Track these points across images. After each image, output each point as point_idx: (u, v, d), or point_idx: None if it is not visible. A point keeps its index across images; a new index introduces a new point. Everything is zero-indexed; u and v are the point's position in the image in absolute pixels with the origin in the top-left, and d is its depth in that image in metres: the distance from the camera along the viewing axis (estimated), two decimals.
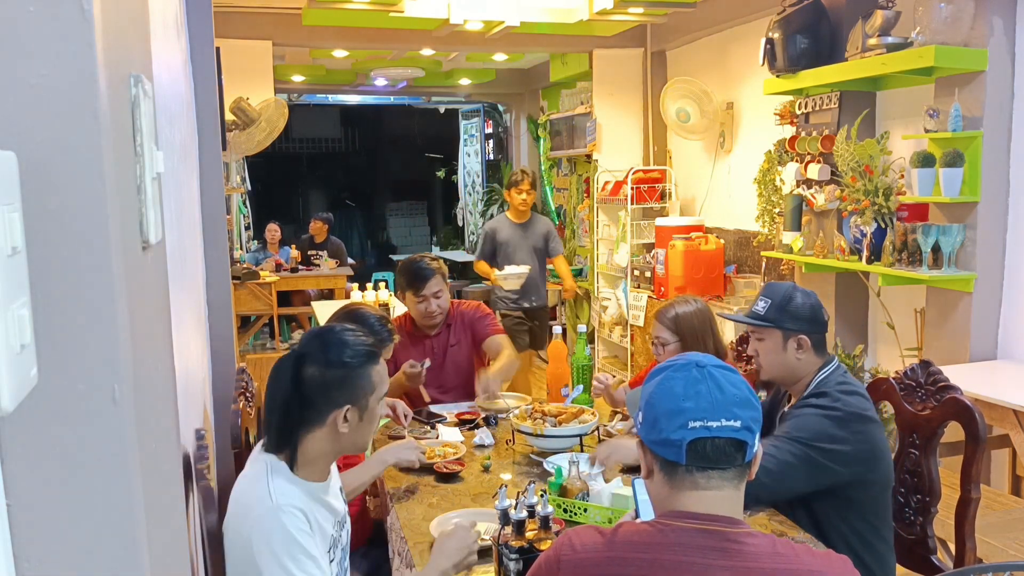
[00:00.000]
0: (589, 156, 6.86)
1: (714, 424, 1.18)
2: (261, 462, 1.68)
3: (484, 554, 1.83)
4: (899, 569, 2.49)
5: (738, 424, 1.19)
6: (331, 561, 1.73)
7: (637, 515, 1.65)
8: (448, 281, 3.20)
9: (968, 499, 2.15)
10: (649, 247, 5.86)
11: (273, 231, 7.64)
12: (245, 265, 6.13)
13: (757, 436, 1.22)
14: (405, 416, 2.78)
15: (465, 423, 2.85)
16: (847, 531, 2.07)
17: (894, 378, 2.36)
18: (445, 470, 2.38)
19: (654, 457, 1.24)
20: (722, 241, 5.49)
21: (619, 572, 1.17)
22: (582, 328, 3.12)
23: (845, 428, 2.02)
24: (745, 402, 1.20)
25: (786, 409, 2.22)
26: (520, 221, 5.23)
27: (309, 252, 7.69)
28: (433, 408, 3.03)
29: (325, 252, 7.76)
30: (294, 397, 1.66)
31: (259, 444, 1.78)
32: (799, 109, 4.40)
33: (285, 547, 1.56)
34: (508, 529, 1.68)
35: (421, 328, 3.18)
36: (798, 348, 2.13)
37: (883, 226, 3.67)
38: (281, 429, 1.68)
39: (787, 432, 2.05)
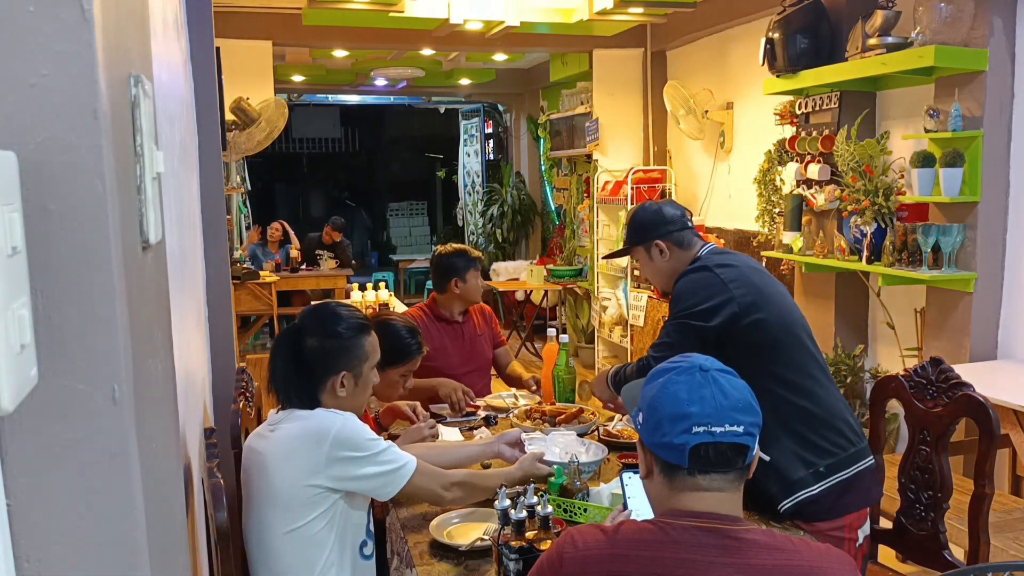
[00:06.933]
0: (589, 156, 6.86)
1: (718, 429, 1.19)
2: (298, 413, 1.85)
3: (484, 554, 1.84)
4: (910, 565, 2.50)
5: (740, 430, 1.20)
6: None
7: (625, 506, 1.67)
8: None
9: (982, 494, 2.17)
10: None
11: (275, 229, 7.65)
12: (245, 265, 6.13)
13: (756, 440, 1.24)
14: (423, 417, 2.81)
15: (468, 414, 2.90)
16: (769, 379, 2.03)
17: (903, 376, 2.37)
18: None
19: (655, 459, 1.24)
20: (722, 241, 5.48)
21: (621, 569, 1.18)
22: (564, 339, 3.09)
23: (714, 287, 2.11)
24: (748, 407, 1.22)
25: None
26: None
27: (316, 252, 7.69)
28: (434, 408, 3.03)
29: (332, 252, 7.76)
30: (294, 367, 1.85)
31: (274, 412, 1.93)
32: (799, 109, 4.40)
33: (365, 442, 1.80)
34: (508, 529, 1.68)
35: (441, 317, 3.32)
36: (661, 253, 2.28)
37: (883, 226, 3.66)
38: (299, 396, 1.86)
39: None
